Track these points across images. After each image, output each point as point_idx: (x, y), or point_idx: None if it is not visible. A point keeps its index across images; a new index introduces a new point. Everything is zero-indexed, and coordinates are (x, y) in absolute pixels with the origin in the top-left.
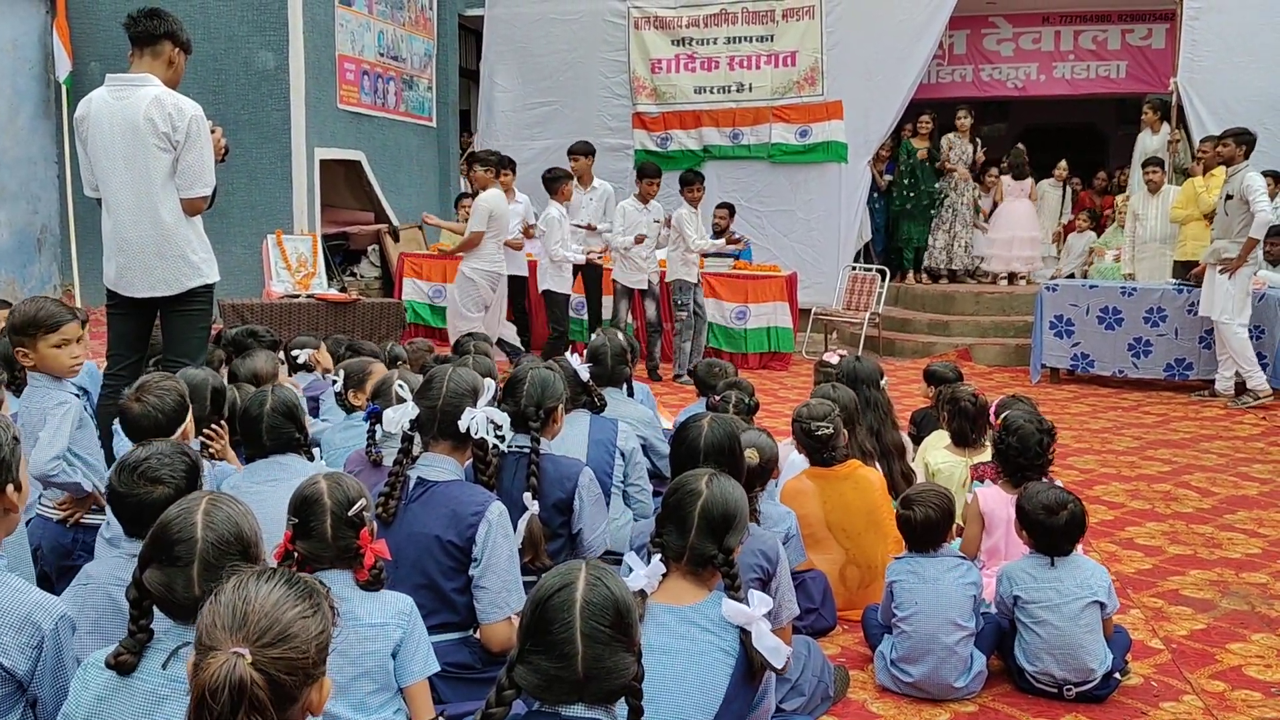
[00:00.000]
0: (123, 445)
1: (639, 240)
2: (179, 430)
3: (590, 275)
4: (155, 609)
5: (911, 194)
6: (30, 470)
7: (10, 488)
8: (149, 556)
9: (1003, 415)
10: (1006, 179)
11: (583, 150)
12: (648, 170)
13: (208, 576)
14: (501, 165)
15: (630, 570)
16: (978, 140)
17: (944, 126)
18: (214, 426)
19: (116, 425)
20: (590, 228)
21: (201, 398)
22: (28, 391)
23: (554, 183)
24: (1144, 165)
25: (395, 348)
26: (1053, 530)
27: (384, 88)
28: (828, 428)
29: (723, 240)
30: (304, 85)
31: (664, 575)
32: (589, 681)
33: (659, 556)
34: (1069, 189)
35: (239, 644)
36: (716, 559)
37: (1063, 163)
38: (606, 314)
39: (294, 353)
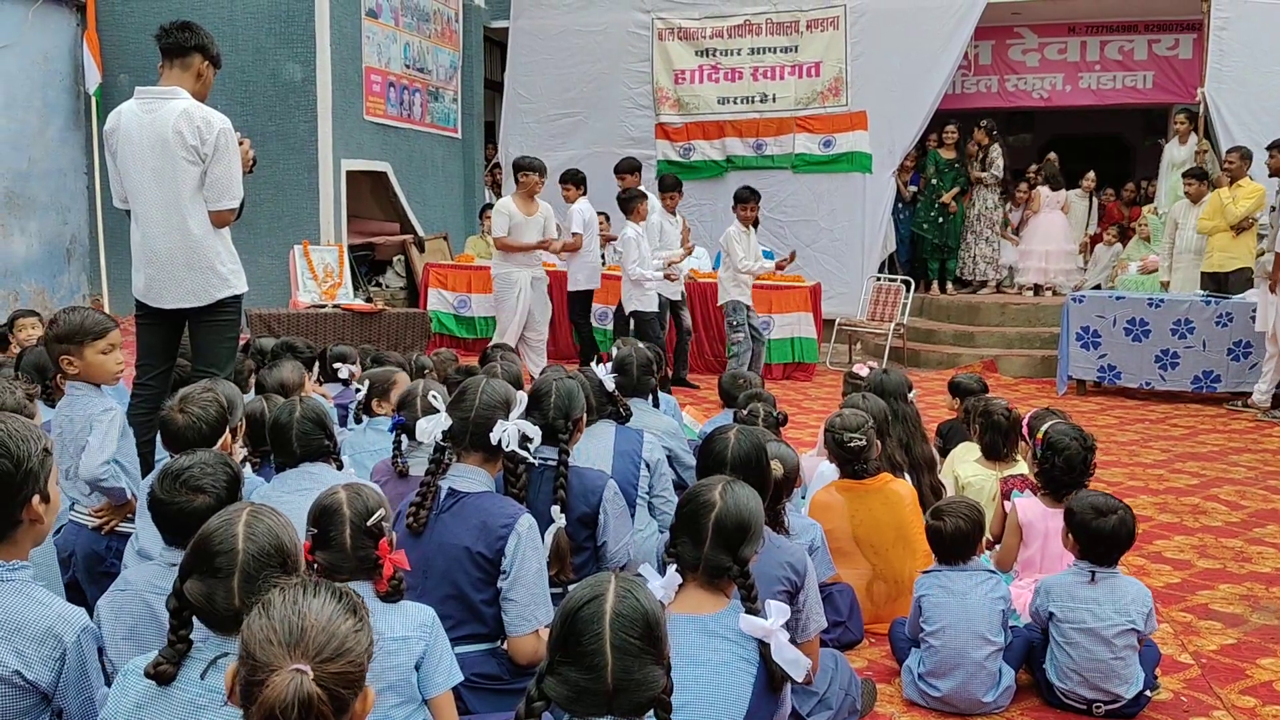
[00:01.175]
0: (164, 455)
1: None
2: (220, 441)
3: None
4: (194, 619)
5: (936, 204)
6: (81, 474)
7: (37, 499)
8: (190, 567)
9: (1044, 431)
10: (1044, 189)
11: (628, 168)
12: (667, 183)
13: (248, 588)
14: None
15: (646, 582)
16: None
17: (967, 136)
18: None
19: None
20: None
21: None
22: (68, 400)
23: (629, 202)
24: (1184, 175)
25: (421, 358)
26: (1101, 535)
27: (410, 99)
28: (860, 439)
29: (772, 263)
30: (330, 97)
31: (680, 586)
32: (618, 694)
33: (674, 567)
34: (1095, 200)
35: (298, 660)
36: (731, 570)
37: (1090, 173)
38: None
39: (335, 366)
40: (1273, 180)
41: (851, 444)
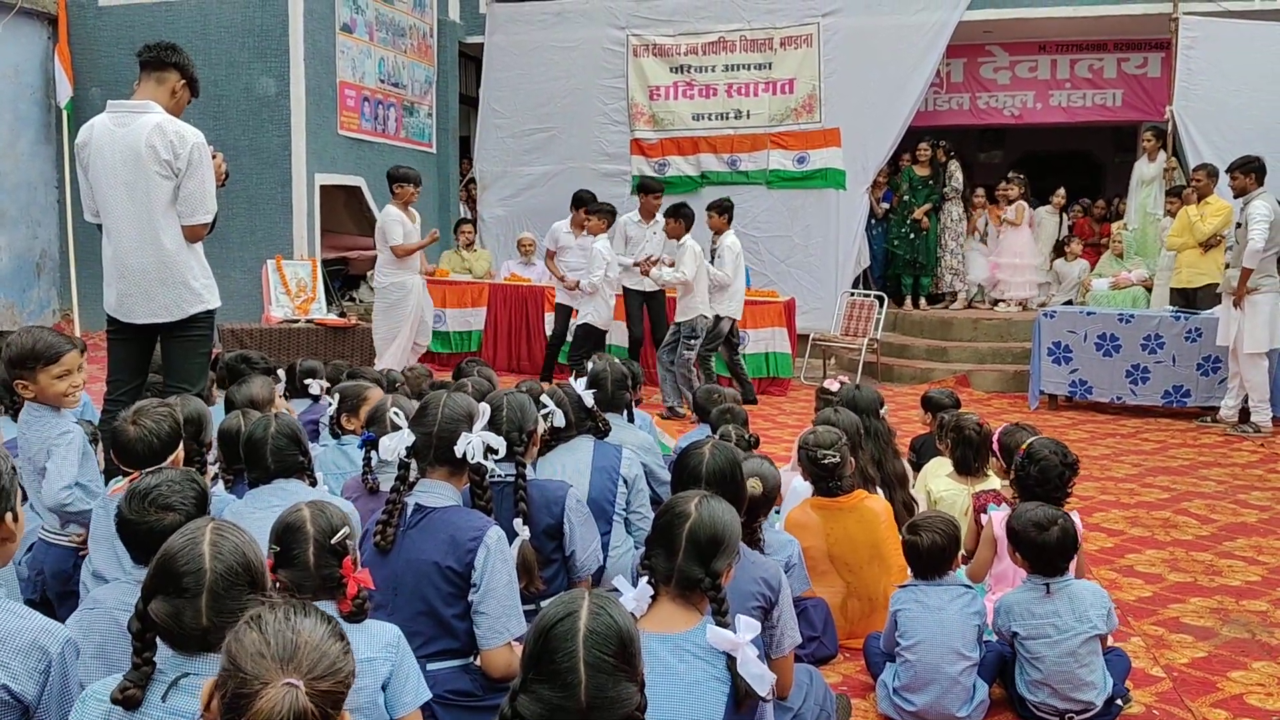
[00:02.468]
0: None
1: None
2: (170, 458)
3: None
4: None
5: (909, 221)
6: (45, 502)
7: (9, 516)
8: (154, 587)
9: (1028, 443)
10: (1021, 202)
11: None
12: (650, 186)
13: (216, 607)
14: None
15: (620, 595)
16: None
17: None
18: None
19: None
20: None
21: (199, 426)
22: (26, 421)
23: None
24: (1167, 194)
25: (393, 372)
26: (1044, 547)
27: (384, 114)
28: (834, 456)
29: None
30: (304, 111)
31: (653, 599)
32: (592, 711)
33: (646, 579)
34: (1064, 216)
35: (290, 675)
36: (703, 583)
37: (1060, 190)
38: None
39: (307, 382)
40: (1238, 199)
41: (825, 460)
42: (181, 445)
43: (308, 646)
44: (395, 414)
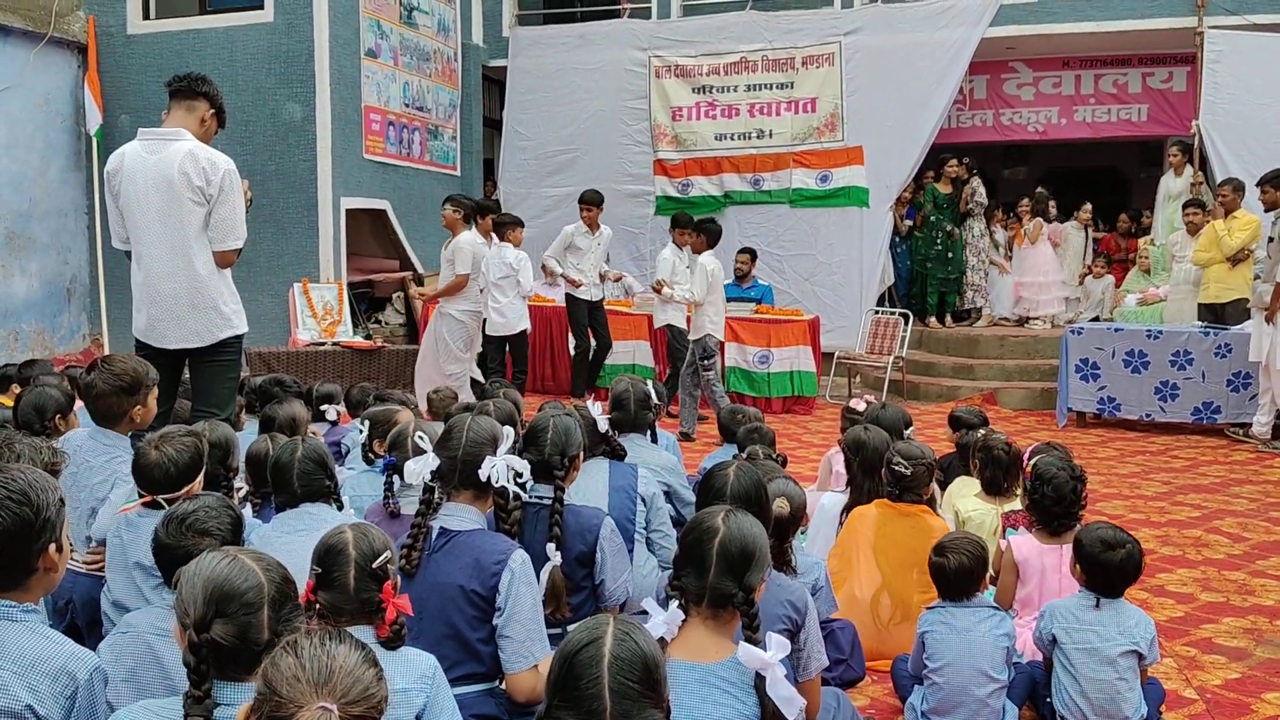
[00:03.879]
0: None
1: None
2: (186, 488)
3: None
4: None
5: (937, 237)
6: (95, 532)
7: (53, 548)
8: (211, 615)
9: (1032, 464)
10: (1043, 220)
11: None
12: (682, 220)
13: (276, 618)
14: (478, 211)
15: (649, 618)
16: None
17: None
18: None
19: None
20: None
21: (226, 451)
22: (93, 448)
23: (501, 226)
24: (1184, 206)
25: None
26: (1109, 567)
27: (409, 138)
28: (906, 468)
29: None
30: (330, 136)
31: (683, 623)
32: None
33: (677, 603)
34: (1089, 232)
35: (324, 699)
36: (736, 598)
37: (1087, 205)
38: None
39: (323, 408)
40: (1269, 213)
41: (896, 467)
42: (202, 475)
43: (342, 671)
44: (420, 438)
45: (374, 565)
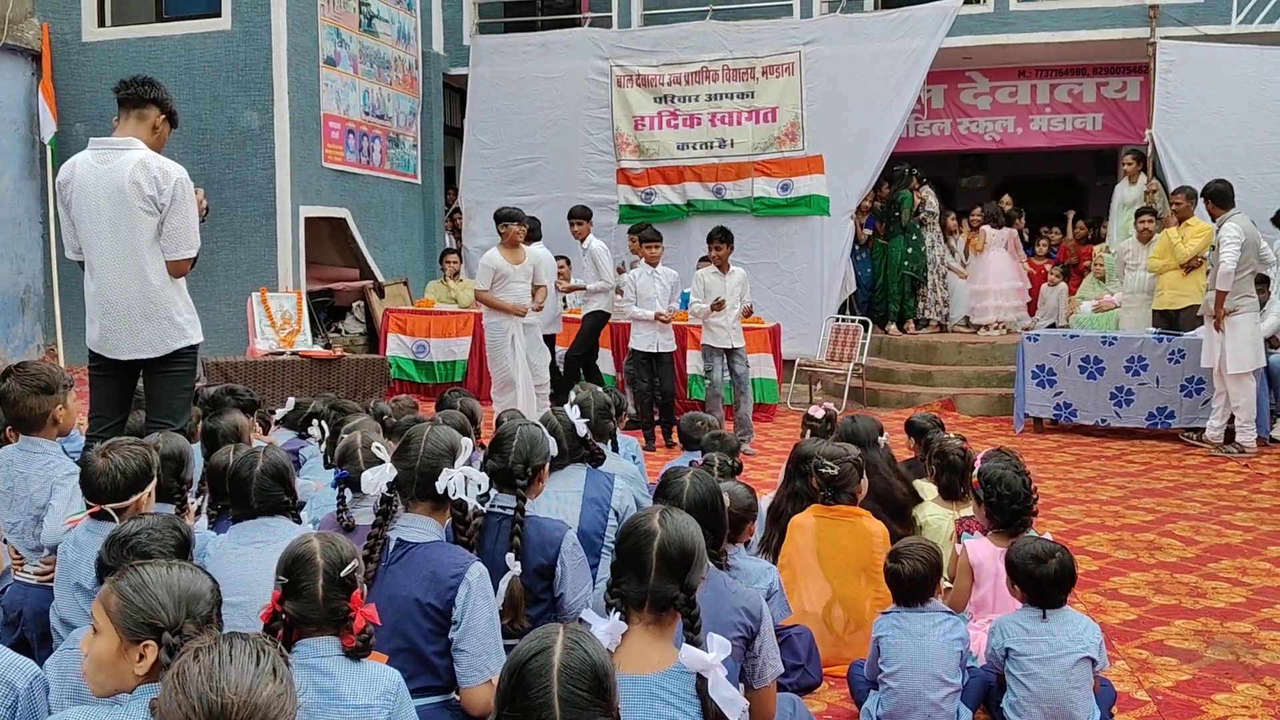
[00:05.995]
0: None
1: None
2: (134, 498)
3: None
4: None
5: (914, 240)
6: (45, 540)
7: None
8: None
9: (978, 471)
10: (987, 228)
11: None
12: (649, 236)
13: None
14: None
15: (592, 629)
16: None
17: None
18: None
19: None
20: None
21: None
22: (23, 456)
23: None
24: (1137, 214)
25: (380, 404)
26: (1042, 580)
27: (369, 146)
28: (832, 468)
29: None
30: (289, 144)
31: (624, 632)
32: None
33: (617, 614)
34: (1025, 237)
35: None
36: (678, 600)
37: (1022, 216)
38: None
39: (309, 429)
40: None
41: (823, 470)
42: (152, 485)
43: (235, 704)
44: (378, 449)
45: (342, 574)
